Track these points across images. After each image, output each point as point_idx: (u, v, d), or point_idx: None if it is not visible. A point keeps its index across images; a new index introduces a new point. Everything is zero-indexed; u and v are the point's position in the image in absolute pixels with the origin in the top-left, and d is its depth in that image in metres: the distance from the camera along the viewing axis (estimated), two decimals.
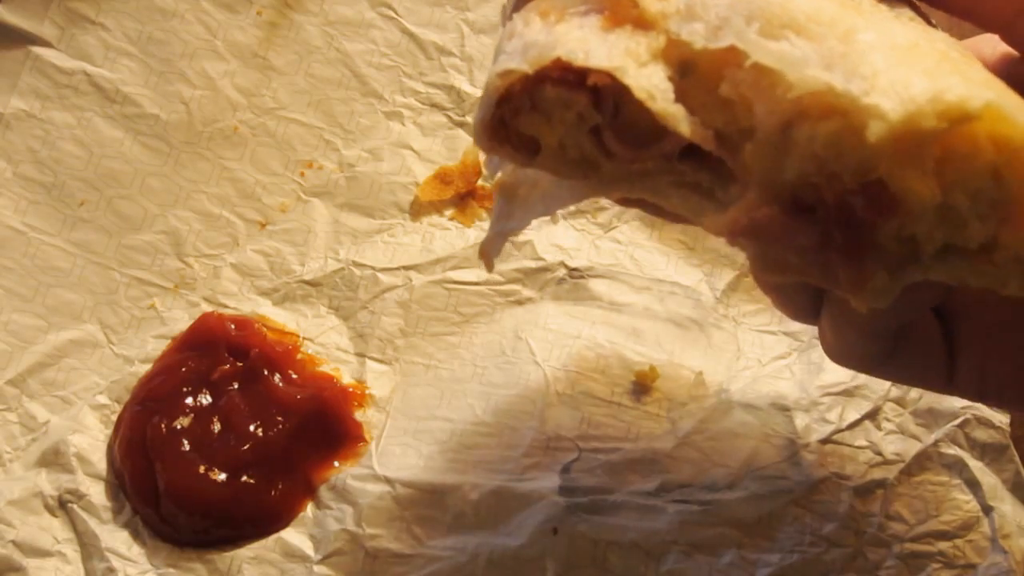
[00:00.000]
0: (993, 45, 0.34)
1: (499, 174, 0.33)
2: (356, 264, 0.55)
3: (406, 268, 0.55)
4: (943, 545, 0.47)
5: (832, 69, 0.26)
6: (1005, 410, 0.49)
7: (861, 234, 0.27)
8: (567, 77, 0.28)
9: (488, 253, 0.33)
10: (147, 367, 0.53)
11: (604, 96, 0.28)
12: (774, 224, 0.28)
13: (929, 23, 0.33)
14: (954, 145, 0.25)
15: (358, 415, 0.51)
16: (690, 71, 0.28)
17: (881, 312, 0.29)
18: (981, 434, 0.49)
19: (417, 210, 0.56)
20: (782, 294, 0.38)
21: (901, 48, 0.27)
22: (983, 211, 0.26)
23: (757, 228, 0.28)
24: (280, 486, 0.49)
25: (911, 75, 0.25)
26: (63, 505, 0.49)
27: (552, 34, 0.28)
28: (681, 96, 0.28)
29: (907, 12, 0.32)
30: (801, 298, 0.37)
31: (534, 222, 0.35)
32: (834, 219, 0.27)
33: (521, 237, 0.55)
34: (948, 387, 0.38)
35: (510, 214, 0.33)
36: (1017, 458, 0.49)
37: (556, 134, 0.29)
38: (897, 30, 0.28)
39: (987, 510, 0.47)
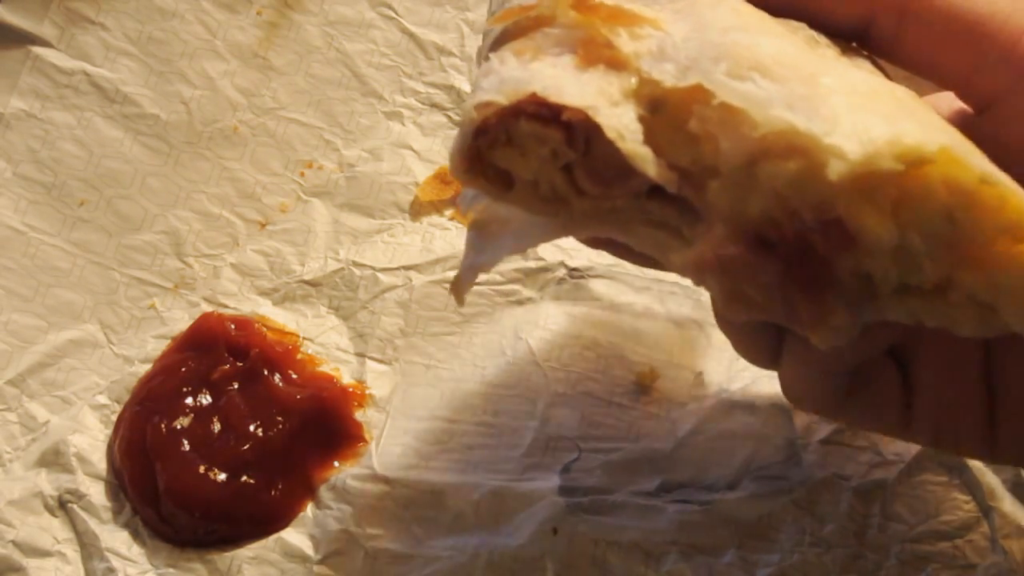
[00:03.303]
0: (948, 102, 0.35)
1: (471, 211, 0.34)
2: (356, 264, 0.55)
3: (406, 268, 0.55)
4: (943, 545, 0.47)
5: (795, 110, 0.26)
6: (962, 456, 0.48)
7: (821, 271, 0.28)
8: (542, 112, 0.29)
9: (460, 288, 0.34)
10: (147, 367, 0.53)
11: (576, 133, 0.29)
12: (739, 261, 0.28)
13: (888, 78, 0.33)
14: (910, 187, 0.26)
15: (358, 415, 0.52)
16: (660, 108, 0.29)
17: (838, 352, 0.30)
18: None
19: (417, 210, 0.56)
20: (743, 337, 0.39)
21: (861, 93, 0.28)
22: (937, 252, 0.27)
23: (723, 264, 0.29)
24: (280, 486, 0.49)
25: (870, 118, 0.26)
26: (63, 505, 0.49)
27: (528, 71, 0.29)
28: (650, 132, 0.29)
29: (867, 65, 0.33)
30: (762, 342, 0.37)
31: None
32: (795, 256, 0.28)
33: None
34: (906, 432, 0.38)
35: (481, 249, 0.33)
36: None
37: (530, 168, 0.30)
38: (858, 77, 0.30)
39: (987, 510, 0.47)
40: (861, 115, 0.26)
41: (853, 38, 0.34)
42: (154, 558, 0.48)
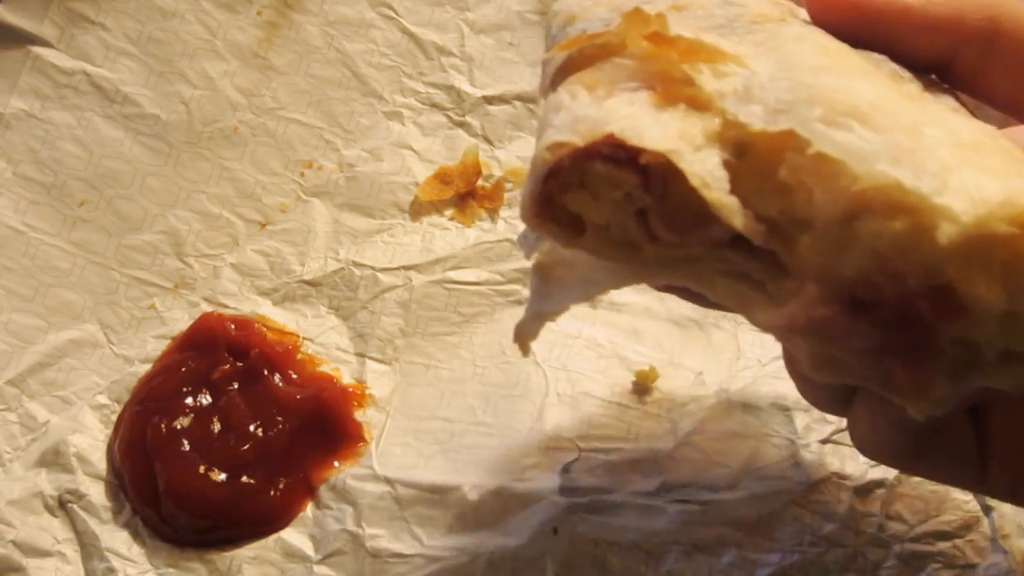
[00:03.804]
0: None
1: (535, 253, 0.31)
2: (356, 264, 0.55)
3: (406, 268, 0.55)
4: (943, 545, 0.47)
5: (900, 164, 0.24)
6: None
7: (923, 338, 0.26)
8: (618, 154, 0.27)
9: (524, 338, 0.32)
10: (147, 367, 0.53)
11: (653, 176, 0.27)
12: (832, 324, 0.26)
13: (971, 113, 0.32)
14: (1020, 250, 0.24)
15: (358, 415, 0.51)
16: (746, 153, 0.27)
17: None
18: None
19: (417, 210, 0.56)
20: (813, 384, 0.37)
21: (967, 146, 0.26)
22: None
23: (817, 326, 0.27)
24: (280, 486, 0.49)
25: (981, 175, 0.24)
26: (63, 505, 0.49)
27: (603, 109, 0.27)
28: (735, 178, 0.27)
29: (950, 101, 0.31)
30: (833, 390, 0.36)
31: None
32: (894, 320, 0.26)
33: None
34: (980, 485, 0.37)
35: (547, 295, 0.31)
36: None
37: (602, 213, 0.28)
38: (961, 125, 0.27)
39: (987, 510, 0.47)
40: (970, 171, 0.24)
41: (934, 71, 0.33)
42: (154, 558, 0.48)
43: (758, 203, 0.27)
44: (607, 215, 0.28)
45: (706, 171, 0.26)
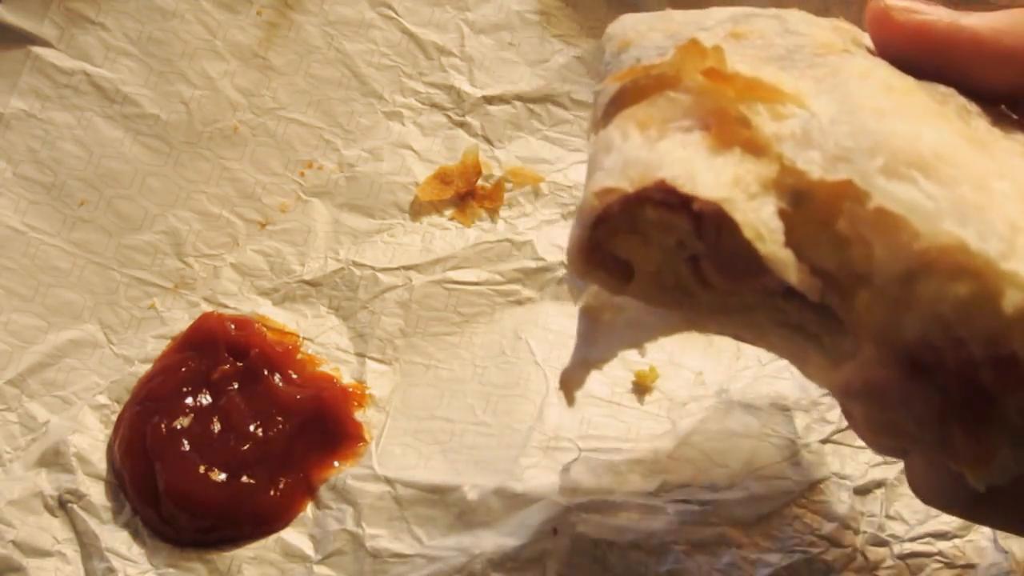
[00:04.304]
0: None
1: (583, 297, 0.30)
2: (356, 264, 0.55)
3: (406, 268, 0.55)
4: (943, 545, 0.47)
5: (966, 223, 0.23)
6: None
7: (985, 407, 0.25)
8: (670, 200, 0.26)
9: (570, 385, 0.31)
10: (147, 367, 0.53)
11: (706, 222, 0.26)
12: (892, 387, 0.25)
13: None
14: None
15: (358, 415, 0.51)
16: (803, 202, 0.26)
17: None
18: None
19: (417, 210, 0.56)
20: None
21: None
22: None
23: (874, 389, 0.25)
24: (280, 486, 0.49)
25: None
26: (63, 505, 0.49)
27: (655, 151, 0.26)
28: (791, 228, 0.26)
29: (1021, 137, 0.30)
30: None
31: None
32: (955, 387, 0.24)
33: (521, 236, 0.55)
34: None
35: (594, 340, 0.30)
36: None
37: (653, 259, 0.27)
38: None
39: None
40: None
41: (1004, 102, 0.32)
42: (154, 558, 0.48)
43: (815, 255, 0.26)
44: (658, 261, 0.27)
45: (760, 222, 0.25)
